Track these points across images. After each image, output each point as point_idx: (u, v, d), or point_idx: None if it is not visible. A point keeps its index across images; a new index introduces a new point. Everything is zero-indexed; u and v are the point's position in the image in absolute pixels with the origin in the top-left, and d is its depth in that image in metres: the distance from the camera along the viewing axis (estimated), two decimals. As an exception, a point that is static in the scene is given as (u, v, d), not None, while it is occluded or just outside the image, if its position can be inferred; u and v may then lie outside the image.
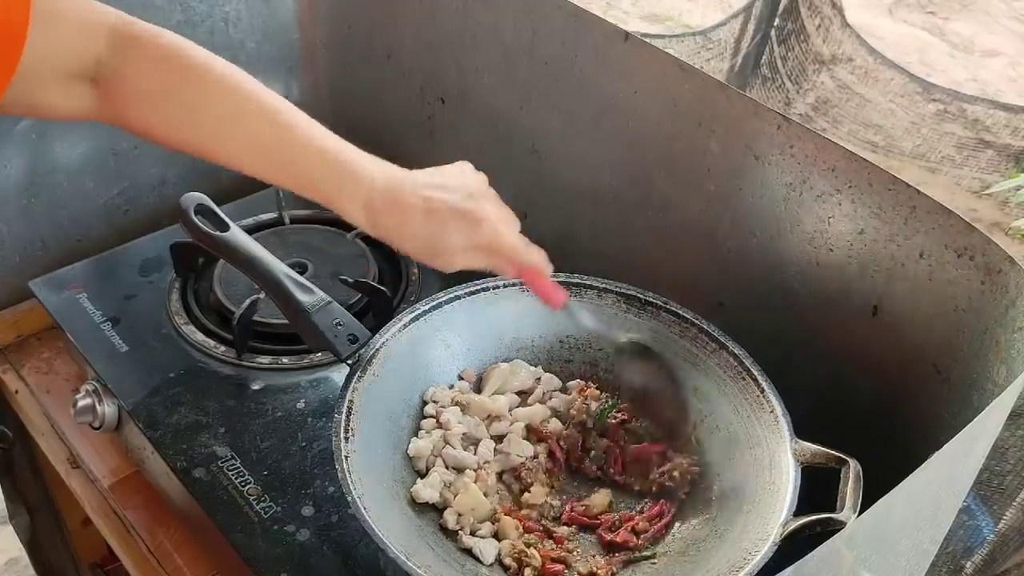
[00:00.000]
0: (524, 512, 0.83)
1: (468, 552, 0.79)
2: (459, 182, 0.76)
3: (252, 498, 0.86)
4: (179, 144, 0.75)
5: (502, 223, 0.76)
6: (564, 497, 0.85)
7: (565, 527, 0.82)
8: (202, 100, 0.73)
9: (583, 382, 0.92)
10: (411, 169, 0.77)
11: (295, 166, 0.74)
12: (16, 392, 1.10)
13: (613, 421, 0.88)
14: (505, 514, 0.81)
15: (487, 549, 0.79)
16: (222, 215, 0.91)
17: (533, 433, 0.88)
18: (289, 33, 1.27)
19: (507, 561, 0.78)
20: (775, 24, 3.08)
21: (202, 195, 0.92)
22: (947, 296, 0.79)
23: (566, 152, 1.07)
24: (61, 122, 1.11)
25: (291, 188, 0.76)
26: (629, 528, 0.81)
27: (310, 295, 0.88)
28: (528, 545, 0.79)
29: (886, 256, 0.82)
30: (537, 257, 0.79)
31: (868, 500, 0.66)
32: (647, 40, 0.94)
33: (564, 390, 0.92)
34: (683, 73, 0.91)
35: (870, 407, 0.87)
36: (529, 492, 0.83)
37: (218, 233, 0.90)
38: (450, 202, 0.74)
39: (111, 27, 0.72)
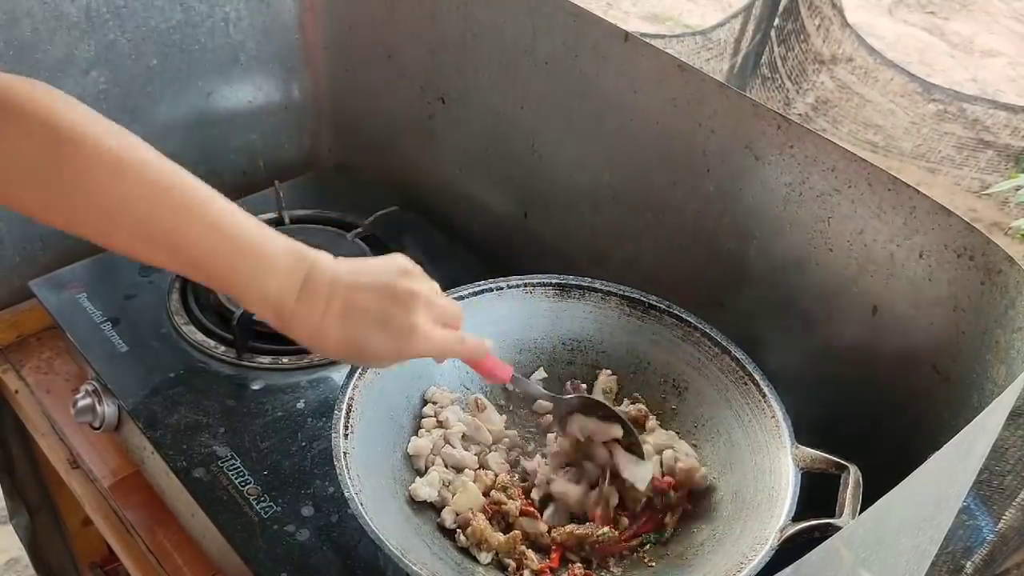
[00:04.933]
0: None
1: (465, 551, 0.79)
2: (384, 280, 0.67)
3: (252, 498, 0.86)
4: (68, 229, 0.64)
5: (430, 326, 0.68)
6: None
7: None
8: (79, 183, 0.62)
9: (578, 382, 0.92)
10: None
11: (191, 253, 0.63)
12: (16, 392, 1.10)
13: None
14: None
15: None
16: None
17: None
18: (289, 33, 1.27)
19: (505, 560, 0.78)
20: (775, 24, 3.09)
21: None
22: (947, 296, 0.79)
23: (566, 152, 1.07)
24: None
25: (196, 279, 0.67)
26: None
27: None
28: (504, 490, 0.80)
29: (886, 256, 0.82)
30: (473, 346, 0.73)
31: (868, 500, 0.65)
32: (647, 40, 0.94)
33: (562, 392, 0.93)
34: (683, 73, 0.91)
35: (870, 407, 0.87)
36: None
37: None
38: (372, 310, 0.65)
39: None
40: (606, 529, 0.79)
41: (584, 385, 0.92)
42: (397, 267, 0.69)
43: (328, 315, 0.65)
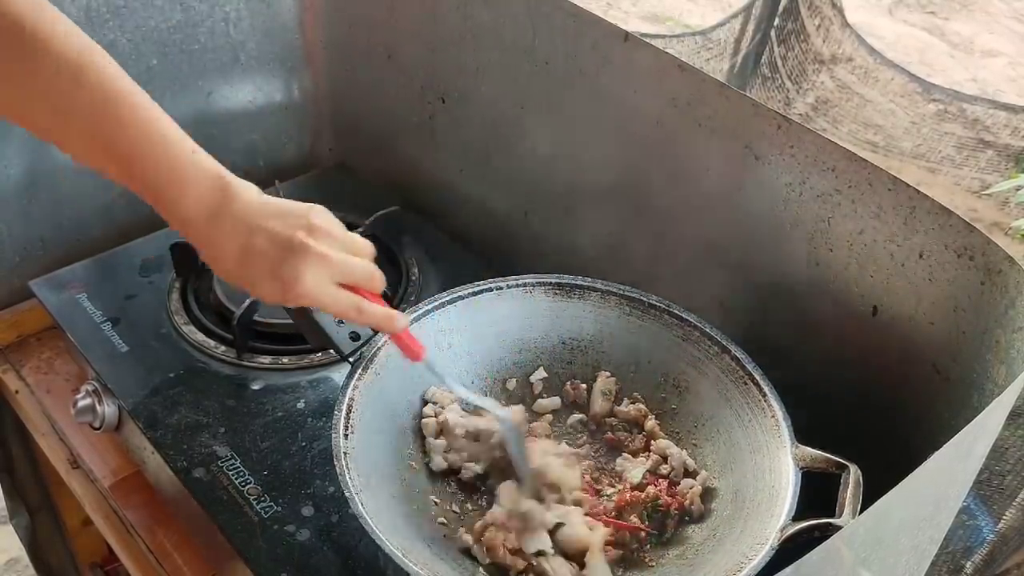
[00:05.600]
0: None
1: (466, 552, 0.79)
2: (287, 234, 0.70)
3: (252, 498, 0.86)
4: (16, 118, 0.69)
5: (318, 282, 0.71)
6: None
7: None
8: (35, 73, 0.66)
9: (578, 382, 0.93)
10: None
11: (129, 165, 0.69)
12: (16, 392, 1.10)
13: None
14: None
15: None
16: None
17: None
18: (289, 33, 1.28)
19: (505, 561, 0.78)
20: (775, 24, 3.09)
21: None
22: (947, 296, 0.79)
23: (566, 152, 1.07)
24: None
25: (123, 183, 0.70)
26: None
27: None
28: None
29: (886, 256, 0.82)
30: (377, 315, 0.75)
31: (868, 500, 0.66)
32: (647, 40, 0.94)
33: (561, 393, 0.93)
34: (683, 73, 0.91)
35: (870, 407, 0.87)
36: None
37: None
38: (267, 256, 0.70)
39: None
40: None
41: (584, 386, 0.92)
42: (307, 222, 0.72)
43: (227, 248, 0.70)
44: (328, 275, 0.72)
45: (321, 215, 0.73)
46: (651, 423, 0.89)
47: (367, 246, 0.76)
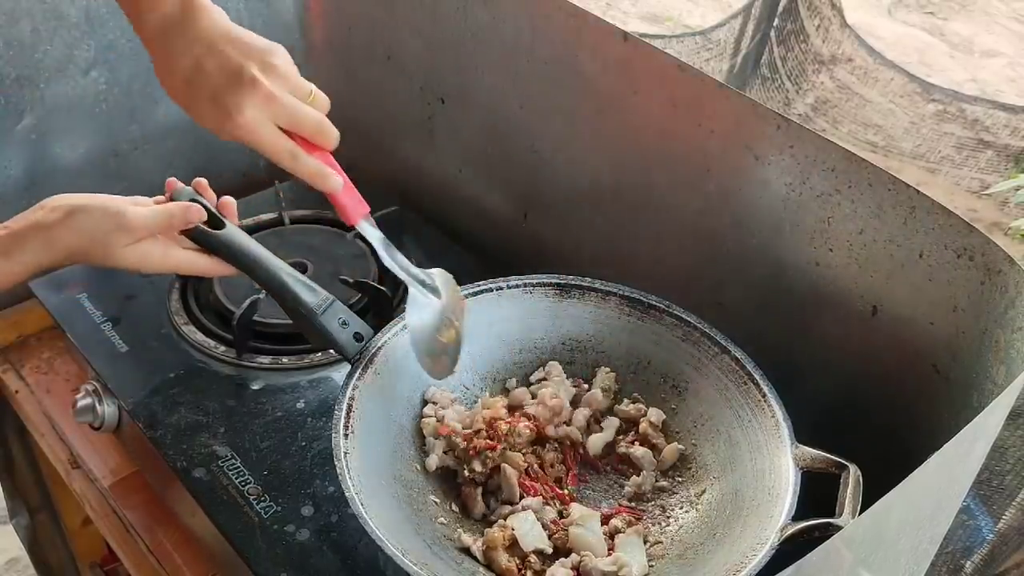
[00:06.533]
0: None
1: (466, 551, 0.79)
2: (239, 62, 0.69)
3: (252, 498, 0.86)
4: None
5: (257, 118, 0.69)
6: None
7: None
8: None
9: (580, 379, 0.93)
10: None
11: None
12: (16, 392, 1.10)
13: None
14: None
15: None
16: (215, 211, 0.86)
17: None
18: (289, 33, 1.28)
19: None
20: (775, 24, 3.09)
21: (194, 190, 0.87)
22: (947, 296, 0.79)
23: (566, 152, 1.07)
24: (61, 120, 1.11)
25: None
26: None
27: (315, 295, 0.87)
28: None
29: (886, 256, 0.82)
30: (310, 167, 0.74)
31: (868, 500, 0.66)
32: (647, 40, 0.94)
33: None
34: (683, 73, 0.91)
35: (870, 407, 0.87)
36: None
37: (213, 231, 0.85)
38: (213, 81, 0.69)
39: None
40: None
41: (585, 383, 0.92)
42: (263, 59, 0.71)
43: (179, 63, 0.70)
44: (271, 114, 0.71)
45: (281, 56, 0.73)
46: (646, 423, 0.88)
47: (324, 100, 0.75)
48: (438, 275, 0.85)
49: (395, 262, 0.81)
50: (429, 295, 0.83)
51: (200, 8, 0.71)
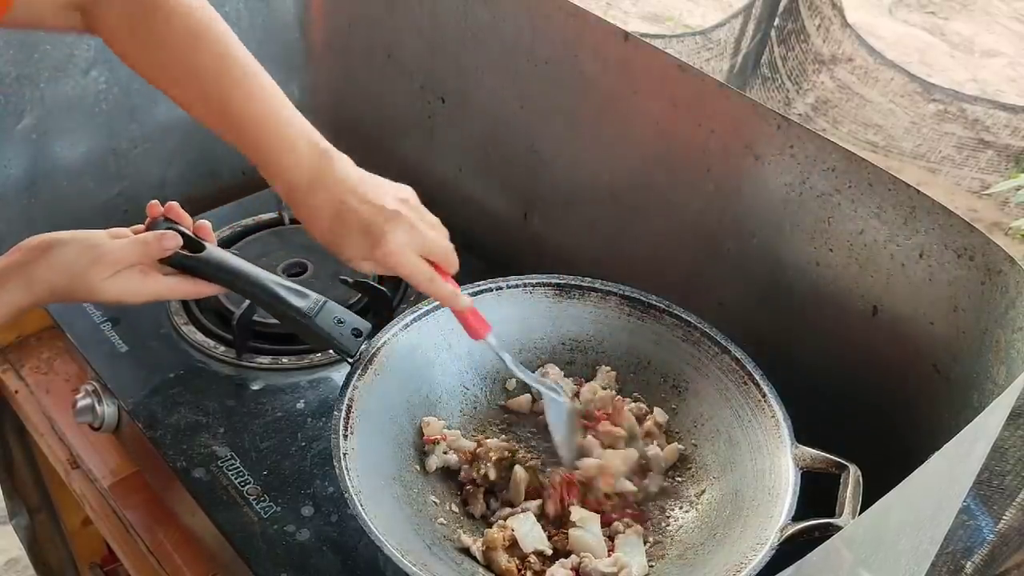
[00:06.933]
0: None
1: (466, 552, 0.79)
2: (380, 199, 0.77)
3: (252, 498, 0.86)
4: (153, 80, 0.79)
5: (403, 246, 0.77)
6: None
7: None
8: (164, 38, 0.76)
9: (580, 378, 0.93)
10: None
11: (237, 121, 0.77)
12: (16, 392, 1.10)
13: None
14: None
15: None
16: (191, 234, 0.83)
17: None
18: (289, 33, 1.27)
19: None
20: (775, 24, 3.08)
21: (164, 218, 0.84)
22: (947, 296, 0.79)
23: (566, 152, 1.07)
24: (61, 120, 1.11)
25: (235, 144, 0.78)
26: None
27: (305, 299, 0.86)
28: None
29: (886, 256, 0.82)
30: (445, 291, 0.81)
31: (868, 500, 0.65)
32: (647, 40, 0.94)
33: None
34: (683, 73, 0.91)
35: (870, 407, 0.87)
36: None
37: (192, 254, 0.83)
38: (360, 216, 0.76)
39: None
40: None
41: (585, 381, 0.92)
42: (397, 193, 0.79)
43: (324, 210, 0.77)
44: (412, 243, 0.77)
45: (410, 191, 0.80)
46: (649, 424, 0.88)
47: (444, 229, 0.82)
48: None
49: (525, 376, 0.87)
50: (560, 395, 0.87)
51: (333, 157, 0.78)
